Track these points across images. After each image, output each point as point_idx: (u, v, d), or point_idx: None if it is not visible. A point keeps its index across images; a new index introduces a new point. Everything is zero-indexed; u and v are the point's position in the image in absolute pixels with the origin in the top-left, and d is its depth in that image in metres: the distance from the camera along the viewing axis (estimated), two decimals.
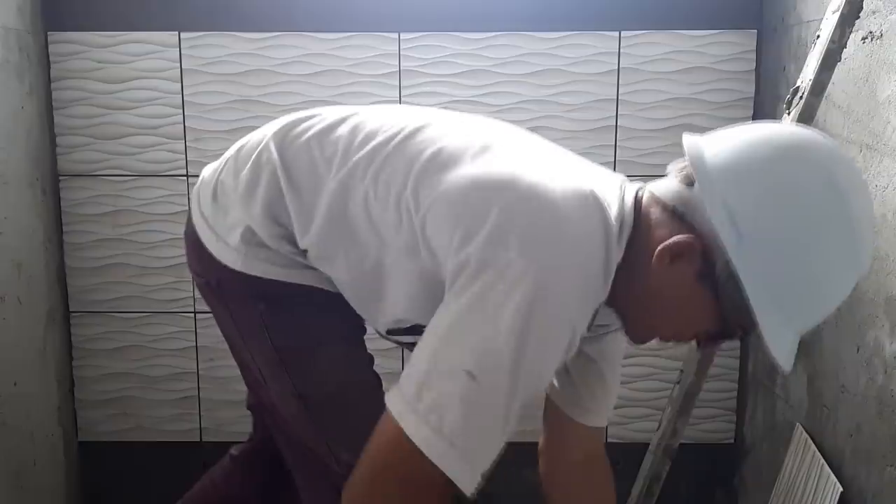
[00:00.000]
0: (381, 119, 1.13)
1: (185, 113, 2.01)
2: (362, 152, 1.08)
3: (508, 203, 0.95)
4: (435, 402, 0.91)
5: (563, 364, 1.02)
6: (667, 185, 1.01)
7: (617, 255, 0.98)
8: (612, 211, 0.98)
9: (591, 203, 0.97)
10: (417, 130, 1.08)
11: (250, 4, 1.99)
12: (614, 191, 1.02)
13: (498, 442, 0.95)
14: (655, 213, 0.99)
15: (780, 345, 0.93)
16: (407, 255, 1.04)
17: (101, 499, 2.19)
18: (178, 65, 2.00)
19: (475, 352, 0.91)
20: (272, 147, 1.13)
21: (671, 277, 0.96)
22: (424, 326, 0.99)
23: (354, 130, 1.11)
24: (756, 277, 0.90)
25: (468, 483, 0.94)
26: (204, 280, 1.20)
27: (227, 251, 1.14)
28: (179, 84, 2.00)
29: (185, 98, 2.01)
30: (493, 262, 0.92)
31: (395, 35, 1.99)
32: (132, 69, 2.00)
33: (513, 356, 0.90)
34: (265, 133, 1.18)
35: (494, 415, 0.93)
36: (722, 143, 0.96)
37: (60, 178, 2.04)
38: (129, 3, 1.99)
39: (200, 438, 2.15)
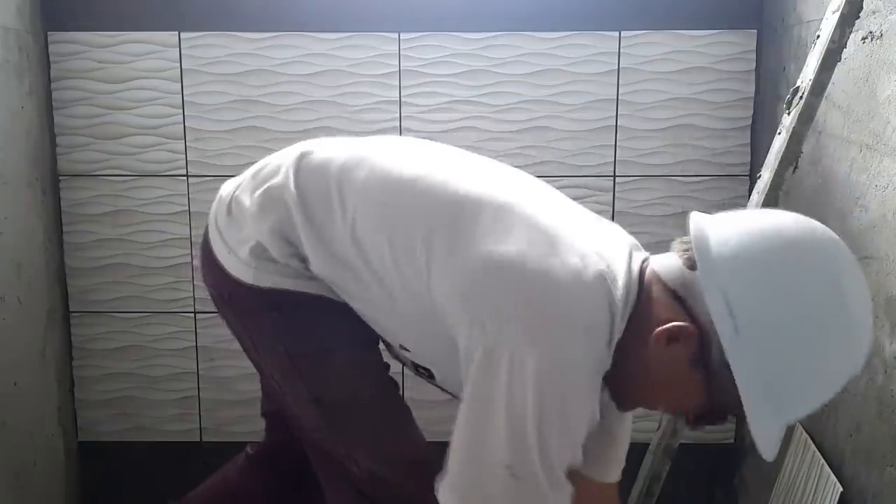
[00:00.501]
0: (399, 163, 1.14)
1: (185, 113, 2.01)
2: (381, 199, 1.10)
3: (516, 289, 0.98)
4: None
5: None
6: (669, 264, 1.02)
7: (620, 330, 1.00)
8: (618, 288, 1.00)
9: (598, 286, 0.99)
10: (438, 186, 1.09)
11: (250, 4, 1.99)
12: (621, 262, 1.03)
13: None
14: (657, 291, 1.01)
15: (767, 435, 0.94)
16: (414, 302, 1.07)
17: (101, 499, 2.19)
18: (179, 65, 2.00)
19: (508, 445, 0.96)
20: (290, 175, 1.15)
21: (665, 358, 0.98)
22: (429, 369, 1.09)
23: (370, 176, 1.12)
24: (749, 370, 0.91)
25: None
26: (217, 292, 1.23)
27: (239, 265, 1.16)
28: (179, 84, 2.00)
29: (185, 98, 2.01)
30: (502, 353, 0.95)
31: (395, 35, 1.98)
32: (132, 69, 2.00)
33: (540, 440, 0.95)
34: (285, 158, 1.19)
35: (538, 494, 0.98)
36: (728, 231, 0.96)
37: (60, 178, 2.04)
38: (129, 3, 1.99)
39: (200, 438, 2.15)
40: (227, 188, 1.26)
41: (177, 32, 1.99)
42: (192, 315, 2.09)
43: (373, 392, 1.20)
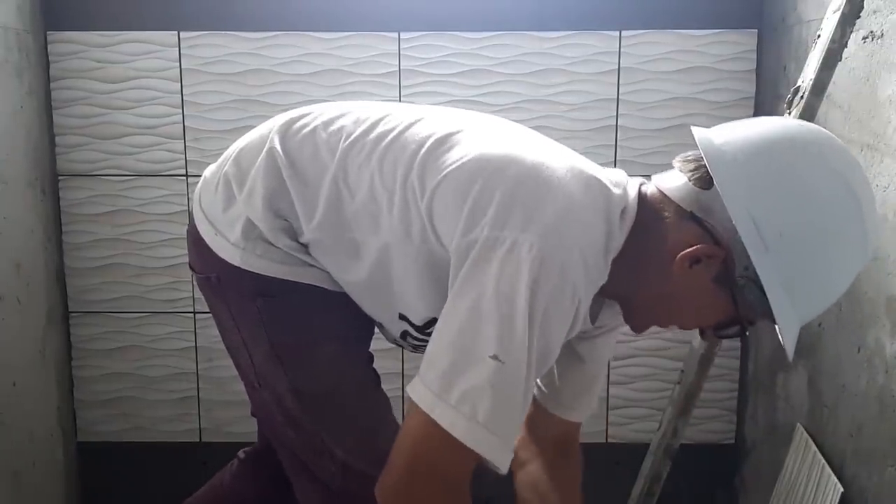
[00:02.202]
0: (382, 111, 1.14)
1: (185, 112, 2.01)
2: (367, 138, 1.09)
3: (512, 182, 0.98)
4: (466, 393, 0.93)
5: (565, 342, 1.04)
6: (678, 185, 1.01)
7: (618, 241, 1.00)
8: (615, 197, 1.00)
9: (594, 185, 1.00)
10: (419, 121, 1.10)
11: (250, 4, 1.99)
12: (618, 180, 1.04)
13: (522, 416, 0.99)
14: (669, 213, 1.00)
15: (792, 338, 0.96)
16: (412, 241, 1.05)
17: (100, 499, 2.18)
18: (178, 64, 2.00)
19: (497, 335, 0.93)
20: (276, 140, 1.14)
21: (688, 280, 0.98)
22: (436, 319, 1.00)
23: (357, 121, 1.12)
24: (777, 282, 0.93)
25: (505, 463, 0.97)
26: (204, 276, 1.21)
27: (227, 246, 1.15)
28: (179, 84, 2.00)
29: (184, 98, 2.00)
30: (500, 242, 0.94)
31: (395, 35, 1.98)
32: (131, 69, 2.00)
33: (530, 332, 0.93)
34: (269, 128, 1.19)
35: (519, 393, 0.95)
36: (737, 144, 0.96)
37: (60, 177, 2.04)
38: (129, 3, 1.99)
39: (200, 439, 2.15)
40: (209, 171, 1.25)
41: (176, 32, 1.99)
42: (192, 315, 2.09)
43: (354, 384, 1.18)
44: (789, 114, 1.40)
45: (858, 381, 1.44)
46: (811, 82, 1.35)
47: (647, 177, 1.08)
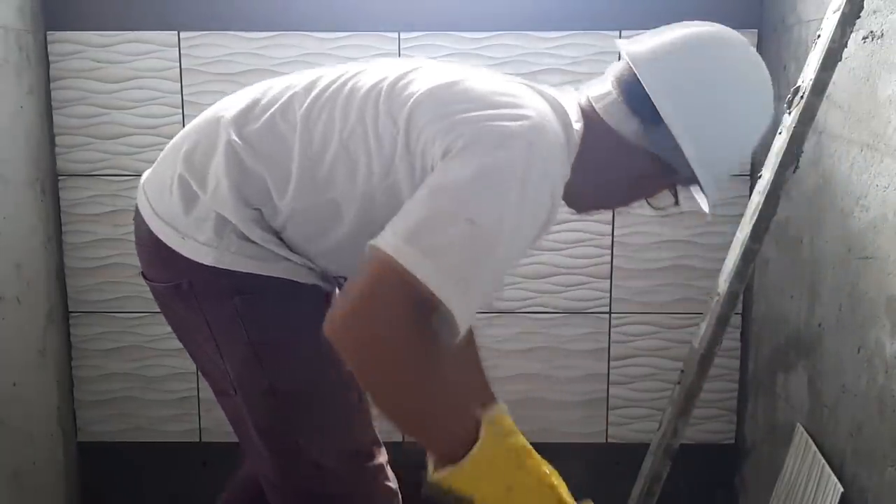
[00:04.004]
0: (327, 73, 1.18)
1: (185, 112, 2.01)
2: (321, 99, 1.12)
3: (477, 96, 1.05)
4: (436, 245, 0.93)
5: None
6: (607, 91, 1.14)
7: (574, 143, 1.10)
8: (567, 108, 1.12)
9: (548, 96, 1.11)
10: (362, 72, 1.16)
11: (250, 4, 1.99)
12: (566, 98, 1.15)
13: (489, 288, 1.00)
14: (610, 112, 1.13)
15: (714, 192, 1.13)
16: (395, 174, 1.07)
17: (99, 499, 2.18)
18: (178, 64, 2.00)
19: (477, 201, 0.96)
20: (232, 133, 1.14)
21: (631, 163, 1.14)
22: None
23: (306, 88, 1.15)
24: (697, 150, 1.08)
25: (465, 321, 0.96)
26: (172, 285, 1.18)
27: (197, 247, 1.14)
28: (179, 84, 2.00)
29: (184, 98, 2.00)
30: (489, 131, 1.00)
31: (395, 35, 1.98)
32: (131, 69, 2.00)
33: (511, 211, 0.96)
34: (209, 123, 1.19)
35: (490, 262, 0.96)
36: (656, 53, 1.14)
37: (60, 177, 2.04)
38: (129, 3, 1.99)
39: (200, 438, 2.15)
40: (153, 175, 1.24)
41: (176, 32, 1.99)
42: None
43: (329, 382, 1.16)
44: (789, 114, 1.40)
45: (858, 382, 1.44)
46: (811, 82, 1.35)
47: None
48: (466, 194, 0.96)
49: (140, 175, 2.05)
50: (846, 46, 1.33)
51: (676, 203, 1.21)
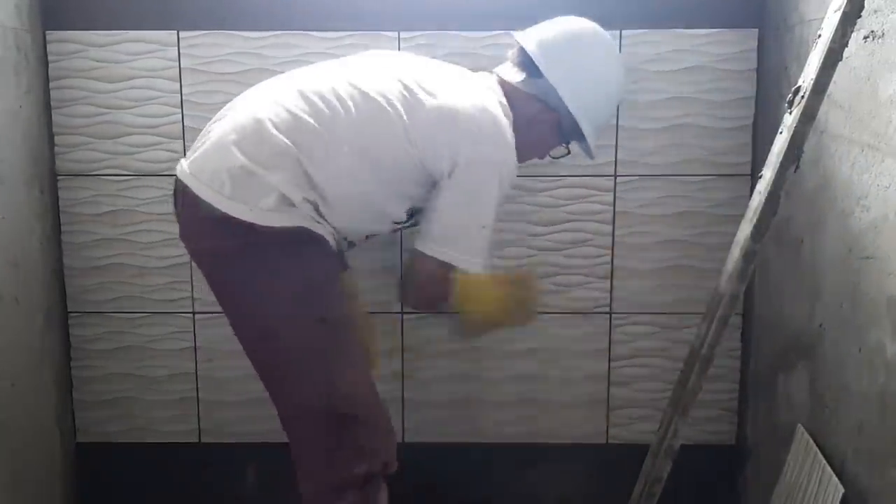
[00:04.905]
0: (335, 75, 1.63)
1: (184, 112, 2.01)
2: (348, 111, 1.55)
3: (472, 123, 1.56)
4: (469, 248, 1.59)
5: None
6: (517, 76, 1.69)
7: (510, 116, 1.63)
8: (501, 101, 1.64)
9: (492, 99, 1.62)
10: (372, 71, 1.63)
11: (249, 3, 1.98)
12: (491, 84, 1.68)
13: (486, 245, 1.62)
14: (519, 95, 1.67)
15: (594, 142, 1.72)
16: (405, 162, 1.57)
17: (99, 500, 2.18)
18: (177, 64, 1.99)
19: (486, 214, 1.58)
20: (284, 138, 1.50)
21: (539, 131, 1.70)
22: (420, 208, 1.62)
23: (343, 89, 1.58)
24: (584, 113, 1.67)
25: (478, 267, 1.61)
26: (233, 245, 1.49)
27: (266, 214, 1.47)
28: (178, 83, 2.00)
29: (183, 97, 2.00)
30: (480, 157, 1.56)
31: (395, 34, 1.98)
32: (131, 68, 1.99)
33: (497, 205, 1.59)
34: (268, 118, 1.53)
35: (486, 240, 1.61)
36: (550, 43, 1.67)
37: (59, 177, 2.04)
38: (128, 2, 1.98)
39: (199, 439, 2.14)
40: (202, 164, 1.55)
41: (175, 31, 1.98)
42: (191, 315, 2.08)
43: (353, 322, 1.60)
44: (790, 113, 1.40)
45: (859, 382, 1.44)
46: (812, 82, 1.34)
47: (650, 177, 1.08)
48: (482, 208, 1.58)
49: (139, 175, 2.05)
50: (847, 46, 1.33)
51: (568, 152, 1.78)
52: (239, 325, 1.58)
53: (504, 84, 1.68)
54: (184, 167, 1.57)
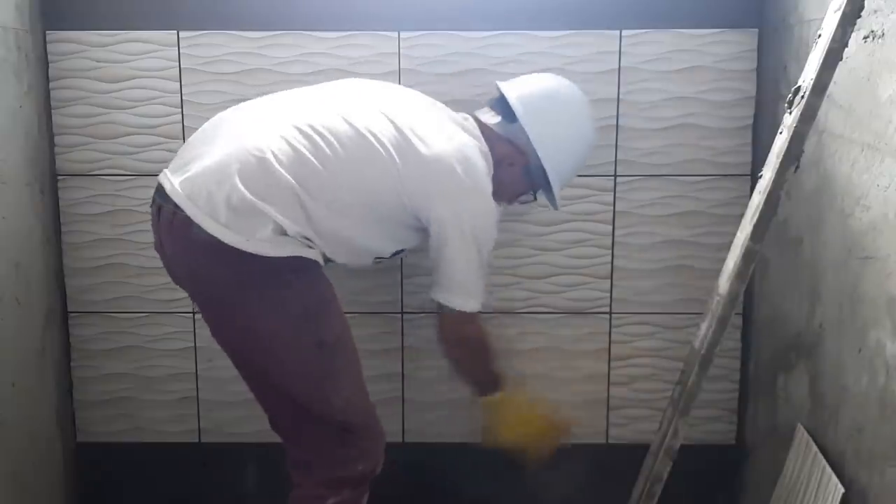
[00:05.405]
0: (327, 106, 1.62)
1: (184, 112, 2.01)
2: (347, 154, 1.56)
3: (456, 176, 1.60)
4: (478, 293, 1.68)
5: None
6: (494, 120, 1.74)
7: (490, 162, 1.69)
8: (483, 147, 1.68)
9: (474, 148, 1.66)
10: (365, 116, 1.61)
11: (249, 3, 1.98)
12: (474, 131, 1.71)
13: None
14: (493, 136, 1.72)
15: (558, 193, 1.76)
16: (393, 206, 1.60)
17: (99, 500, 2.18)
18: (177, 64, 1.99)
19: (485, 260, 1.66)
20: (283, 173, 1.50)
21: (510, 174, 1.74)
22: (401, 251, 1.70)
23: (314, 143, 1.55)
24: (551, 160, 1.71)
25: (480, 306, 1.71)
26: (236, 279, 1.49)
27: (261, 244, 1.47)
28: (178, 83, 2.00)
29: (183, 97, 2.00)
30: (467, 209, 1.62)
31: (395, 34, 1.98)
32: (131, 68, 1.99)
33: (489, 251, 1.68)
34: (256, 149, 1.52)
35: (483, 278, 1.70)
36: (528, 96, 1.72)
37: (59, 177, 2.04)
38: (128, 3, 1.98)
39: (199, 439, 2.14)
40: (193, 189, 1.51)
41: (175, 31, 1.98)
42: (191, 315, 2.08)
43: (349, 335, 1.63)
44: (790, 113, 1.40)
45: (859, 382, 1.44)
46: (812, 82, 1.34)
47: (649, 177, 1.08)
48: (481, 255, 1.65)
49: (139, 175, 2.05)
50: (847, 46, 1.33)
51: (535, 199, 1.82)
52: (234, 352, 1.62)
53: (482, 126, 1.73)
54: (175, 186, 1.52)
